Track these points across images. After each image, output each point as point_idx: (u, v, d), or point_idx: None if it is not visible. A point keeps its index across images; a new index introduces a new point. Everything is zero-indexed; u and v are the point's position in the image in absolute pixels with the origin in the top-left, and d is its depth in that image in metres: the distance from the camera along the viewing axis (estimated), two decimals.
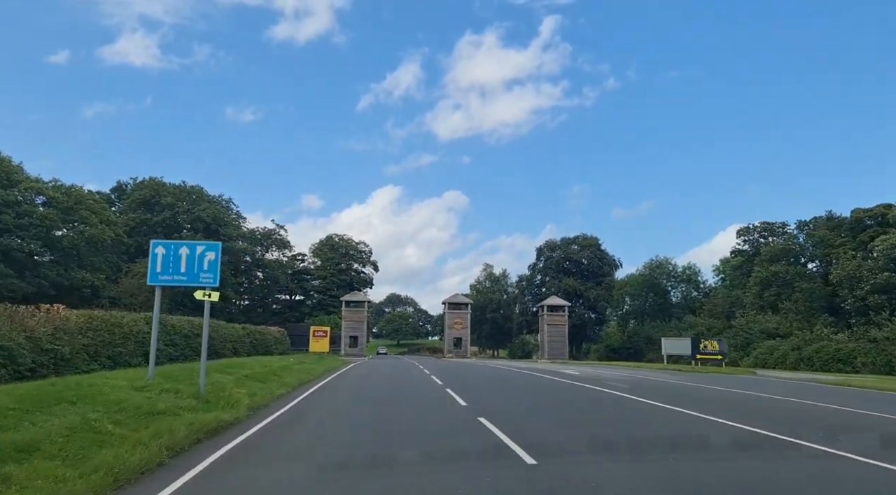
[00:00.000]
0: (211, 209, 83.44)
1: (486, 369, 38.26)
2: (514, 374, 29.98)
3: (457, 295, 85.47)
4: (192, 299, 62.02)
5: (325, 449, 9.43)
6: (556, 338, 77.77)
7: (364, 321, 77.51)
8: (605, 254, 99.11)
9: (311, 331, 48.04)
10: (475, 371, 35.67)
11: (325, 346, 47.26)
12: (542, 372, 32.81)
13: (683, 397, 18.19)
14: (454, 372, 33.47)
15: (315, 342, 46.96)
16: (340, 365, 38.88)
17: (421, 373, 30.52)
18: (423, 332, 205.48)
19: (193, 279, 14.31)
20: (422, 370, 34.80)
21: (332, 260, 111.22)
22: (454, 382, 23.38)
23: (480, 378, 27.06)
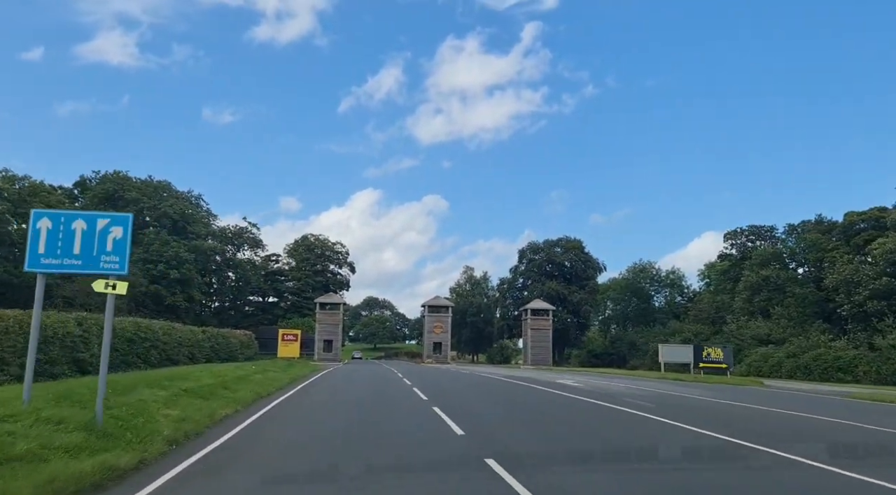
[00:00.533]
0: (179, 205, 78.77)
1: (473, 378, 34.59)
2: (509, 386, 26.33)
3: (437, 297, 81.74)
4: (156, 299, 56.95)
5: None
6: (539, 343, 74.40)
7: (339, 324, 73.41)
8: (589, 257, 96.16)
9: (279, 335, 43.83)
10: (461, 381, 31.99)
11: (294, 351, 43.22)
12: (537, 382, 29.18)
13: (741, 423, 14.78)
14: (438, 382, 29.78)
15: (284, 347, 42.90)
16: (310, 372, 34.93)
17: (400, 384, 26.79)
18: (400, 336, 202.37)
19: (91, 264, 10.37)
20: (401, 379, 31.09)
21: (308, 260, 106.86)
22: (441, 397, 19.70)
23: (471, 391, 23.37)
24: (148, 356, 27.38)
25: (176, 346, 31.21)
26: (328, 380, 28.32)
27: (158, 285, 63.58)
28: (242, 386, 19.93)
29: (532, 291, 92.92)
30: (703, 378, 36.80)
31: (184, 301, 64.89)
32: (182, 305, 64.51)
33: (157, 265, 64.04)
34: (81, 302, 56.60)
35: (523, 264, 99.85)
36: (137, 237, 69.12)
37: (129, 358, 25.91)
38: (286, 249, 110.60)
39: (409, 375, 35.59)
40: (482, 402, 18.45)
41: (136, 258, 64.38)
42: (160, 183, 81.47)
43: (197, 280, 69.36)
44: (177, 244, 66.87)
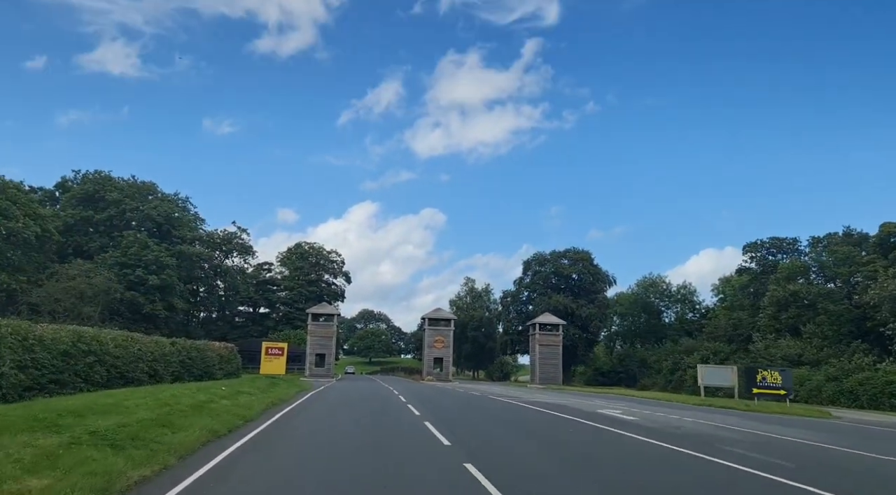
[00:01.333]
0: (164, 207, 73.23)
1: (491, 405, 28.96)
2: (544, 419, 20.67)
3: (438, 309, 76.01)
4: (133, 307, 51.23)
5: None
6: (548, 360, 68.74)
7: (333, 337, 67.62)
8: (598, 270, 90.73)
9: (262, 349, 37.98)
10: (479, 409, 26.37)
11: (279, 368, 37.41)
12: (574, 412, 23.53)
13: None
14: (449, 409, 24.16)
15: (267, 362, 37.08)
16: (295, 394, 29.26)
17: (405, 412, 21.20)
18: (396, 350, 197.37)
19: None
20: (405, 404, 25.51)
21: (301, 269, 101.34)
22: (467, 438, 14.17)
23: (502, 428, 17.73)
24: (91, 373, 21.68)
25: (132, 361, 25.49)
26: (316, 407, 22.65)
27: (136, 292, 57.85)
28: (193, 421, 14.30)
29: (538, 305, 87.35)
30: (760, 406, 31.32)
31: (164, 309, 59.11)
32: (161, 314, 58.73)
33: (135, 270, 58.33)
34: (49, 308, 50.91)
35: (528, 276, 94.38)
36: (114, 239, 63.52)
37: (63, 376, 20.19)
38: (279, 257, 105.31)
39: (412, 398, 30.01)
40: (527, 450, 12.96)
41: (113, 262, 58.77)
42: (144, 184, 76.00)
43: (179, 287, 63.64)
44: (157, 247, 61.22)
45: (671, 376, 77.91)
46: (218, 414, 16.17)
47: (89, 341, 22.11)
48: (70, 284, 51.13)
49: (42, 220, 56.27)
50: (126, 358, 25.11)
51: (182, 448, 11.24)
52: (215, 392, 21.47)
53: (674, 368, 77.65)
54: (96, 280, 53.04)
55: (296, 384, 36.45)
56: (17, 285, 52.74)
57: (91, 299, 52.21)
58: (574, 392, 53.87)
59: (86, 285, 51.76)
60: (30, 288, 53.19)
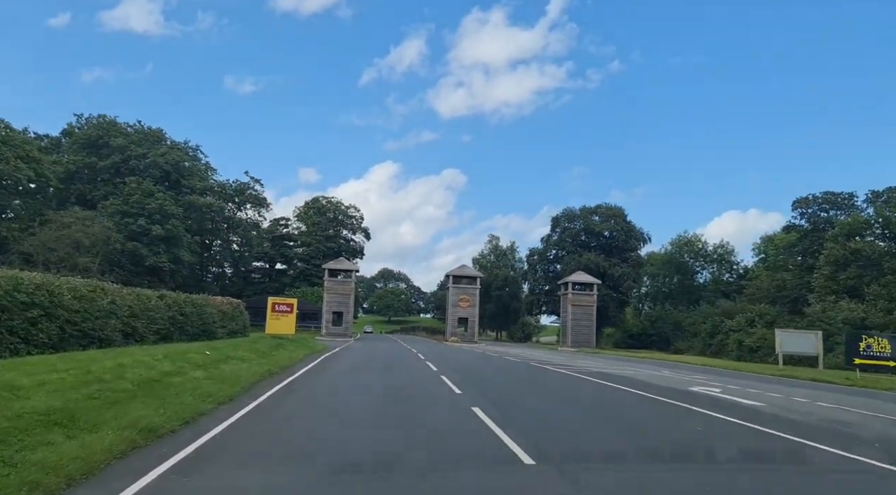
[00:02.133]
0: (172, 155, 67.98)
1: (537, 374, 23.68)
2: (627, 399, 15.26)
3: (464, 267, 70.54)
4: (134, 258, 46.36)
5: None
6: (581, 321, 63.32)
7: (351, 294, 62.69)
8: (632, 227, 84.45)
9: (268, 305, 32.70)
10: (532, 380, 21.08)
11: (288, 326, 32.21)
12: (652, 389, 18.02)
13: None
14: (497, 383, 18.85)
15: (274, 320, 31.80)
16: (300, 360, 24.11)
17: (441, 389, 15.85)
18: (415, 309, 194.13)
19: None
20: (437, 375, 20.34)
21: (319, 225, 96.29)
22: (545, 441, 8.79)
23: (588, 416, 12.30)
24: (33, 332, 16.57)
25: (101, 318, 20.40)
26: (320, 381, 17.39)
27: (138, 243, 53.00)
28: (125, 411, 8.99)
29: (567, 263, 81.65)
30: (867, 380, 25.49)
31: (168, 262, 54.28)
32: (166, 267, 53.93)
33: (137, 219, 53.37)
34: (42, 258, 46.26)
35: (556, 233, 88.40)
36: (118, 188, 58.51)
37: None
38: (296, 212, 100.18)
39: (444, 366, 24.81)
40: (634, 452, 7.63)
41: (113, 210, 53.82)
42: (151, 130, 70.69)
43: (186, 238, 58.69)
44: (162, 195, 56.13)
45: (710, 340, 72.33)
46: (175, 396, 10.87)
47: (32, 290, 16.91)
48: (64, 233, 46.25)
49: (37, 164, 51.24)
50: (91, 312, 19.95)
51: (50, 478, 5.90)
52: (192, 358, 16.23)
53: (713, 332, 72.04)
54: (94, 228, 48.13)
55: (306, 345, 31.38)
56: (10, 233, 48.06)
57: (88, 249, 47.42)
58: (617, 357, 48.49)
59: (82, 234, 46.89)
60: (23, 236, 48.49)
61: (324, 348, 33.91)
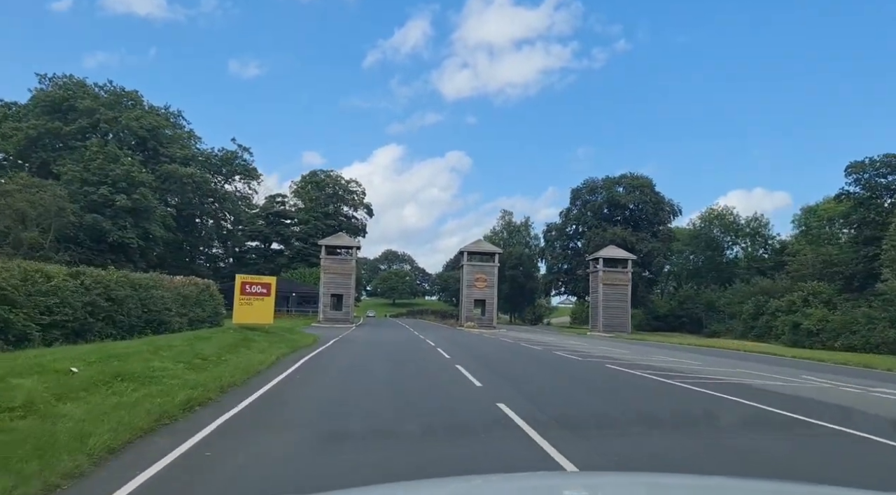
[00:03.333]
0: (149, 119, 59.26)
1: (625, 378, 15.50)
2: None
3: (479, 241, 61.73)
4: (95, 234, 37.61)
5: None
6: (614, 302, 54.85)
7: (352, 274, 54.25)
8: (660, 198, 75.62)
9: (236, 286, 23.60)
10: (612, 389, 12.84)
11: (263, 313, 23.21)
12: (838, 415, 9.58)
13: None
14: (562, 393, 10.43)
15: (244, 306, 22.67)
16: (271, 363, 15.94)
17: (485, 409, 7.30)
18: (420, 291, 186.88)
19: None
20: (483, 392, 11.84)
21: (318, 200, 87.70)
22: None
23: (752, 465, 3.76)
24: None
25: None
26: (294, 405, 8.92)
27: (99, 215, 44.46)
28: None
29: (591, 239, 73.10)
30: None
31: (136, 238, 45.71)
32: (133, 243, 45.34)
33: (99, 188, 44.78)
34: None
35: (576, 207, 79.63)
36: (75, 149, 49.88)
37: None
38: (292, 188, 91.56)
39: (472, 362, 16.64)
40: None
41: (71, 177, 45.26)
42: (126, 92, 61.81)
43: (160, 211, 50.01)
44: (129, 160, 47.48)
45: (753, 322, 64.01)
46: None
47: None
48: (3, 202, 37.74)
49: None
50: None
51: None
52: (22, 386, 7.74)
53: (756, 313, 63.75)
54: (43, 198, 39.60)
55: (287, 339, 22.96)
56: None
57: (35, 222, 38.92)
58: (671, 345, 40.05)
59: (27, 204, 38.37)
60: None
61: (313, 342, 25.57)
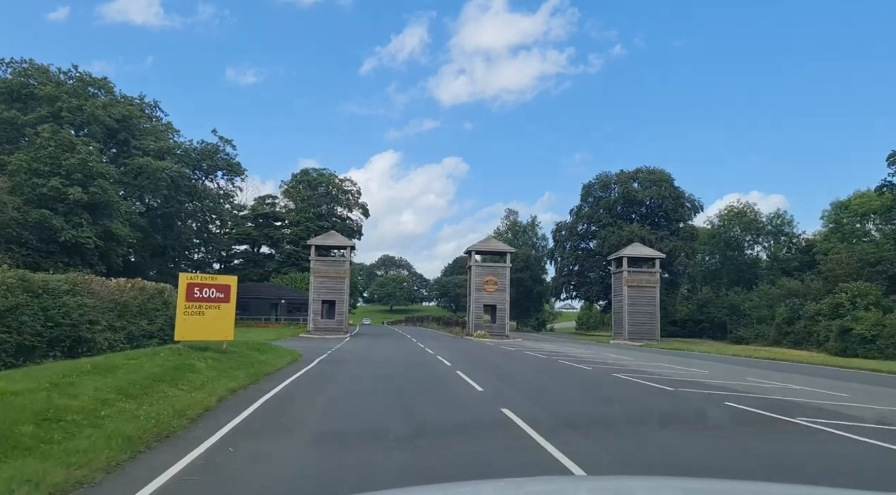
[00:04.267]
0: (118, 109, 52.68)
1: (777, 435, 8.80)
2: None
3: (489, 239, 55.07)
4: (45, 233, 30.84)
5: None
6: (642, 307, 48.28)
7: (346, 277, 47.54)
8: (680, 193, 69.27)
9: (181, 288, 16.69)
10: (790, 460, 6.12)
11: (221, 326, 15.83)
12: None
13: None
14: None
15: (191, 317, 15.58)
16: (204, 413, 9.21)
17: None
18: (418, 297, 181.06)
19: None
20: (554, 458, 5.32)
21: (309, 200, 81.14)
22: None
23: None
24: None
25: None
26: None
27: (51, 210, 37.70)
28: None
29: (605, 237, 66.74)
30: None
31: (94, 237, 38.89)
32: (89, 244, 38.49)
33: (50, 179, 38.04)
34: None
35: (588, 204, 73.21)
36: (24, 135, 43.28)
37: None
38: (282, 188, 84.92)
39: (520, 402, 10.02)
40: None
41: (16, 167, 38.58)
42: (94, 79, 55.19)
43: (124, 207, 43.20)
44: (86, 148, 40.79)
45: (788, 327, 57.69)
46: None
47: None
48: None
49: None
50: None
51: None
52: None
53: (791, 317, 57.43)
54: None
55: (253, 361, 16.18)
56: None
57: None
58: (726, 356, 33.43)
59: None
60: None
61: (290, 363, 19.00)
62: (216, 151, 58.09)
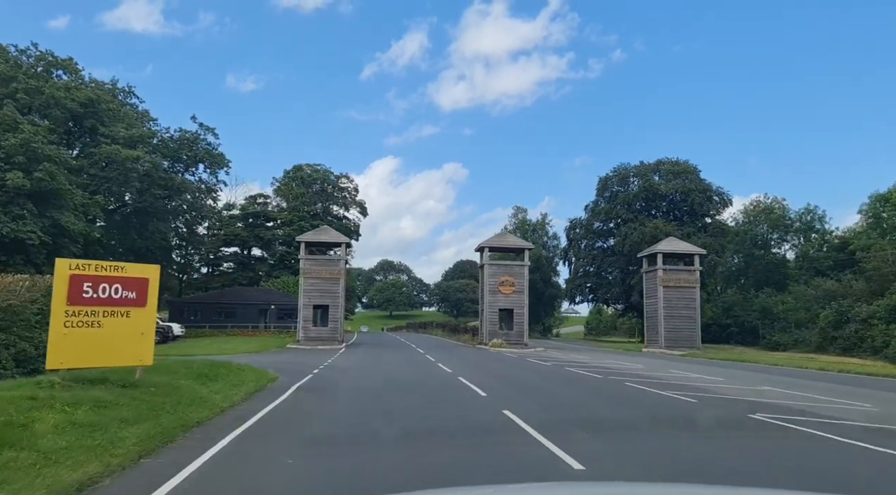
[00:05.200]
0: (83, 92, 46.28)
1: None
2: None
3: (504, 234, 48.16)
4: None
5: None
6: (679, 310, 41.80)
7: (341, 278, 40.97)
8: (707, 186, 62.90)
9: (60, 284, 10.82)
10: None
11: (133, 345, 10.31)
12: None
13: None
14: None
15: (77, 331, 9.85)
16: None
17: None
18: (417, 302, 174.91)
19: None
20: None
21: (303, 198, 74.78)
22: None
23: None
24: None
25: None
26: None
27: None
28: None
29: (628, 235, 60.41)
30: None
31: (39, 232, 32.23)
32: (32, 239, 31.85)
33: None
34: None
35: (604, 200, 66.82)
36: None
37: None
38: (274, 186, 78.53)
39: None
40: None
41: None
42: (57, 59, 48.73)
43: (77, 197, 36.55)
44: (31, 127, 34.24)
45: (834, 332, 51.27)
46: None
47: None
48: None
49: None
50: None
51: None
52: None
53: (838, 321, 51.07)
54: None
55: (180, 400, 9.83)
56: None
57: None
58: (798, 369, 26.85)
59: None
60: None
61: (256, 390, 12.77)
62: (196, 140, 51.44)
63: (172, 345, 37.81)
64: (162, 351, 30.12)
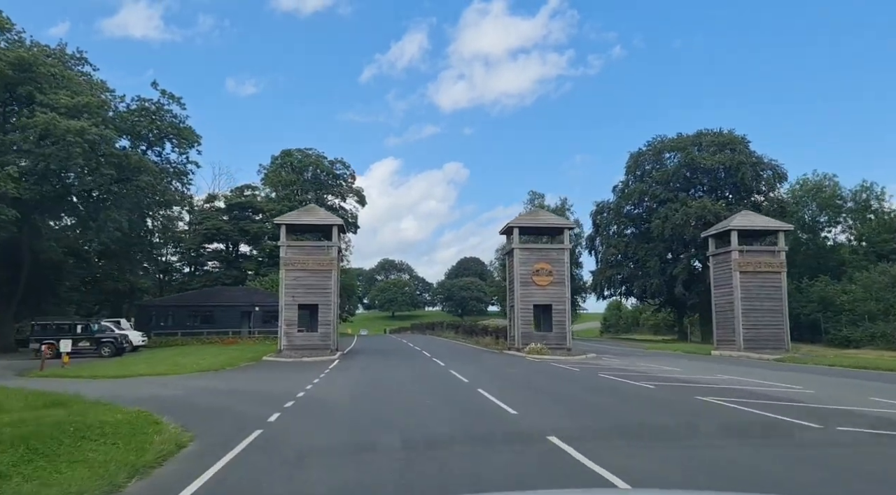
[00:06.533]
0: (17, 54, 37.36)
1: None
2: None
3: (537, 212, 38.10)
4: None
5: None
6: (761, 301, 32.79)
7: (333, 270, 31.84)
8: (760, 159, 53.82)
9: None
10: None
11: None
12: None
13: None
14: None
15: None
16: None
17: None
18: (420, 302, 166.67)
19: None
20: None
21: (293, 187, 65.95)
22: None
23: None
24: None
25: None
26: None
27: None
28: None
29: (668, 217, 51.53)
30: None
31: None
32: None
33: None
34: None
35: (636, 178, 57.82)
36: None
37: None
38: (261, 174, 69.63)
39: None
40: None
41: None
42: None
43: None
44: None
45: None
46: None
47: None
48: None
49: None
50: None
51: None
52: None
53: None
54: None
55: None
56: None
57: None
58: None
59: None
60: None
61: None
62: (158, 112, 42.21)
63: (120, 360, 29.01)
64: (88, 369, 21.22)
